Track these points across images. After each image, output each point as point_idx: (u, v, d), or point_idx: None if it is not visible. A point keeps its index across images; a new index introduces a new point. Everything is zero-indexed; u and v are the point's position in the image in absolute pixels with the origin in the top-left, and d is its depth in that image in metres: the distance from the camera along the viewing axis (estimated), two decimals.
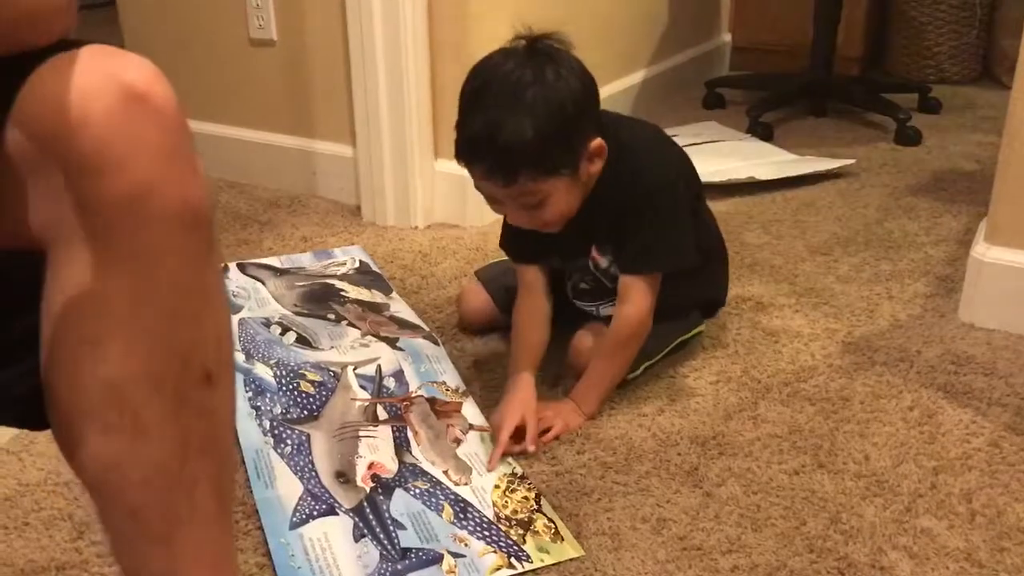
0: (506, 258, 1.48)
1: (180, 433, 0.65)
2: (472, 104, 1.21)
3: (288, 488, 1.19)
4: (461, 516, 1.15)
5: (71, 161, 0.59)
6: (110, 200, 0.60)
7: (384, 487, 1.20)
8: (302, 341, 1.52)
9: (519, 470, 1.23)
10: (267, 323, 1.57)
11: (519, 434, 1.26)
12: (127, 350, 0.63)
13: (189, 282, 0.64)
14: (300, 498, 1.17)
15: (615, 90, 2.64)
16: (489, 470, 1.23)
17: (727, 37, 3.30)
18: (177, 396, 0.65)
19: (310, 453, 1.25)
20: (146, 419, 0.64)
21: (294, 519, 1.14)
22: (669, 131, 2.55)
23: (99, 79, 0.59)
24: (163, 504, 0.66)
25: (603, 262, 1.37)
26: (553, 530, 1.12)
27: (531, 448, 1.25)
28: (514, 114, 1.16)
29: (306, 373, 1.42)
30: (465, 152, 1.22)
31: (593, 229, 1.34)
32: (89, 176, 0.59)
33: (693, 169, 1.44)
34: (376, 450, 1.26)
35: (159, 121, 0.61)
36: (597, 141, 1.24)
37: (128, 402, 0.63)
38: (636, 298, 1.31)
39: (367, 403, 1.36)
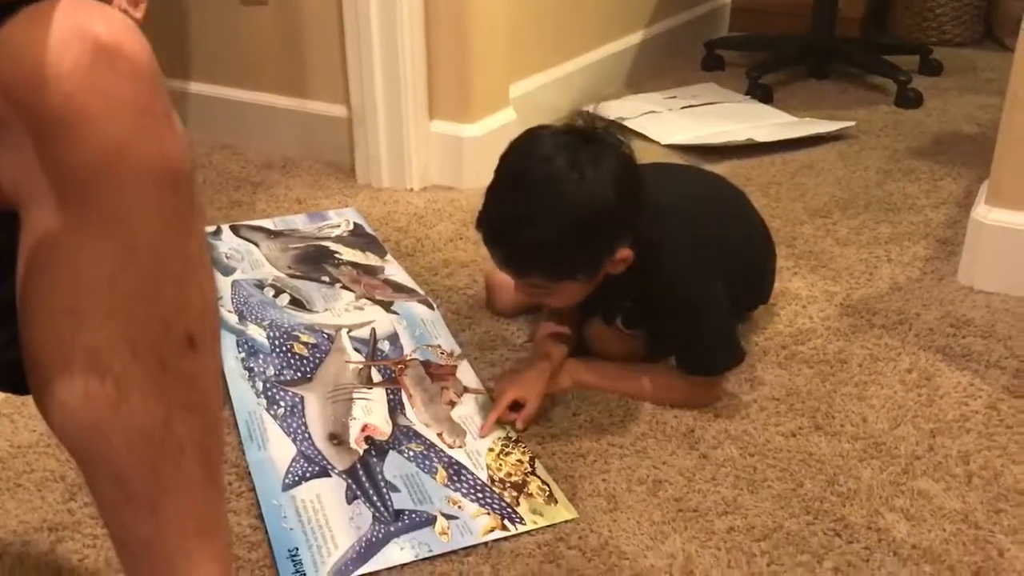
0: None
1: (163, 399, 0.64)
2: (506, 188, 1.17)
3: (281, 450, 1.18)
4: (455, 478, 1.14)
5: (39, 119, 0.57)
6: (82, 160, 0.57)
7: (378, 449, 1.19)
8: (296, 303, 1.51)
9: (513, 434, 1.23)
10: (260, 285, 1.55)
11: (517, 406, 1.25)
12: (107, 315, 0.61)
13: (170, 244, 0.62)
14: (293, 460, 1.16)
15: (613, 51, 2.61)
16: (481, 436, 1.23)
17: None
18: (159, 361, 0.63)
19: (303, 415, 1.24)
20: (128, 385, 0.63)
21: (287, 481, 1.13)
22: (667, 92, 2.56)
23: (67, 32, 0.57)
24: (148, 470, 0.65)
25: (626, 331, 1.34)
26: (547, 493, 1.12)
27: (520, 426, 1.23)
28: (544, 219, 1.12)
29: (300, 335, 1.41)
30: (486, 233, 1.19)
31: (616, 304, 1.32)
32: (59, 135, 0.57)
33: (731, 252, 1.33)
34: (370, 412, 1.26)
35: (131, 76, 0.58)
36: (624, 252, 1.18)
37: (109, 368, 0.62)
38: (697, 390, 1.28)
39: (361, 366, 1.35)
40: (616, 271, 1.21)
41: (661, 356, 1.34)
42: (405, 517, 1.08)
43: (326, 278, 1.59)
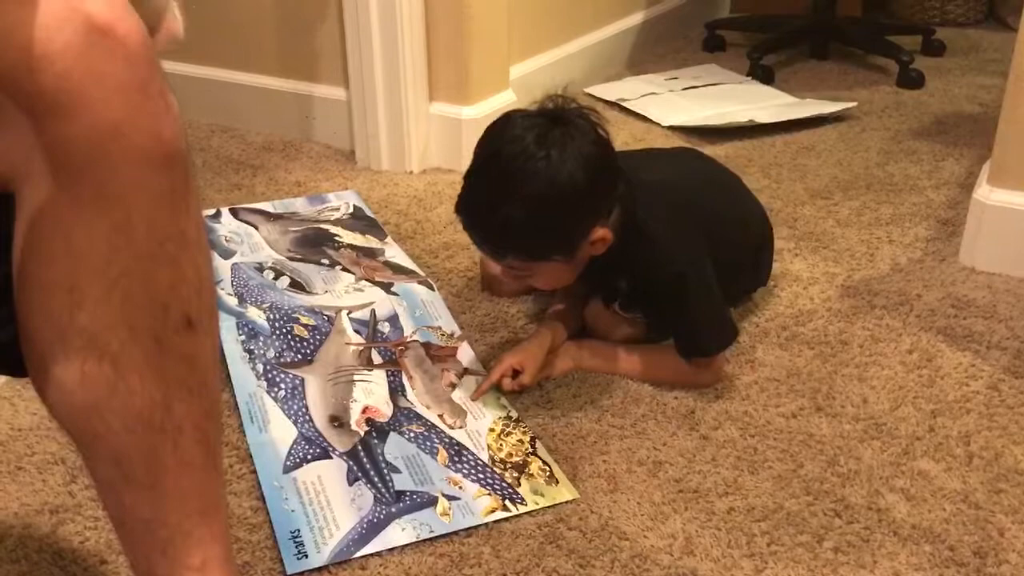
0: None
1: (161, 380, 0.64)
2: (479, 171, 1.18)
3: (282, 432, 1.18)
4: (456, 459, 1.15)
5: (33, 100, 0.56)
6: (76, 141, 0.57)
7: (378, 431, 1.19)
8: (296, 286, 1.50)
9: (514, 413, 1.23)
10: (260, 268, 1.55)
11: (516, 375, 1.25)
12: (103, 295, 0.61)
13: (165, 225, 0.62)
14: (294, 442, 1.17)
15: (614, 32, 2.60)
16: (472, 399, 1.24)
17: None
18: (157, 342, 0.63)
19: (304, 397, 1.24)
20: (126, 366, 0.62)
21: (288, 463, 1.13)
22: (668, 73, 2.55)
23: (60, 11, 0.56)
24: (147, 451, 0.65)
25: (624, 314, 1.34)
26: (548, 473, 1.12)
27: (513, 386, 1.24)
28: (510, 198, 1.13)
29: (300, 317, 1.40)
30: (462, 217, 1.20)
31: (612, 286, 1.33)
32: (53, 116, 0.56)
33: (723, 233, 1.32)
34: (371, 394, 1.26)
35: (125, 56, 0.58)
36: (601, 232, 1.18)
37: (106, 349, 0.62)
38: (697, 371, 1.27)
39: (361, 347, 1.35)
40: (598, 252, 1.21)
41: (661, 338, 1.34)
42: (406, 498, 1.08)
43: (326, 260, 1.59)
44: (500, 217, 1.15)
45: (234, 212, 1.77)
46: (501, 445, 1.17)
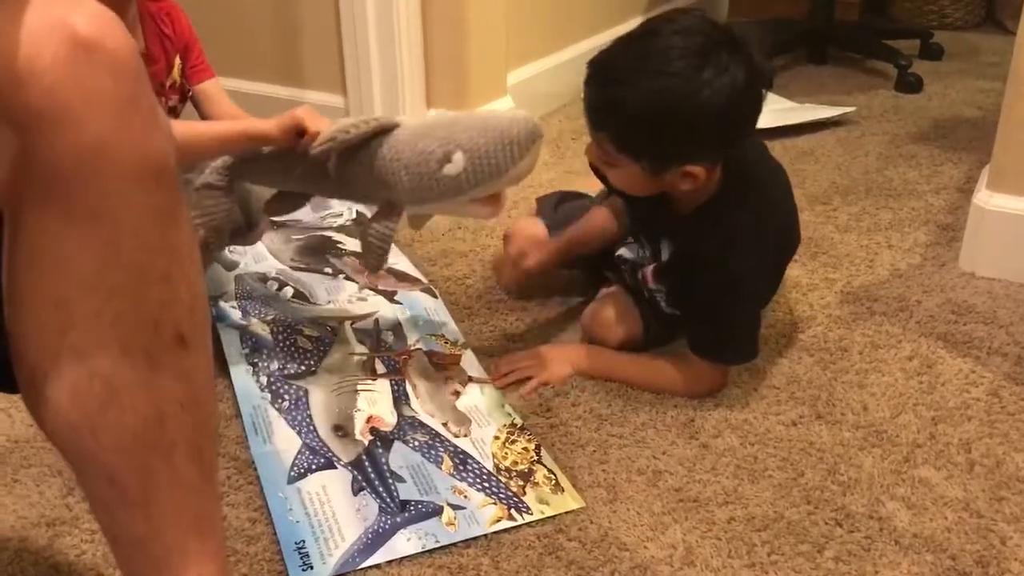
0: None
1: (154, 397, 0.63)
2: (632, 39, 1.14)
3: (286, 443, 1.18)
4: (461, 468, 1.14)
5: (20, 114, 0.56)
6: (64, 156, 0.57)
7: (383, 440, 1.18)
8: (299, 296, 1.50)
9: (519, 421, 1.22)
10: (264, 279, 1.55)
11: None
12: (94, 312, 0.60)
13: (156, 240, 0.62)
14: (298, 452, 1.16)
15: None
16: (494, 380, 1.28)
17: None
18: (149, 360, 0.63)
19: (308, 408, 1.24)
20: (117, 384, 0.62)
21: (292, 473, 1.13)
22: None
23: (47, 26, 0.56)
24: (140, 469, 0.65)
25: (651, 284, 1.33)
26: (553, 481, 1.11)
27: (524, 391, 1.27)
28: (638, 85, 1.09)
29: (303, 329, 1.40)
30: (589, 69, 1.16)
31: (658, 245, 1.30)
32: (40, 131, 0.56)
33: (783, 257, 1.37)
34: (375, 404, 1.25)
35: (113, 70, 0.57)
36: (695, 169, 1.14)
37: (98, 367, 0.61)
38: (702, 377, 1.26)
39: (365, 358, 1.35)
40: (683, 187, 1.16)
41: (659, 342, 1.34)
42: (411, 508, 1.08)
43: (329, 269, 1.59)
44: (619, 94, 1.11)
45: None
46: (506, 453, 1.17)
